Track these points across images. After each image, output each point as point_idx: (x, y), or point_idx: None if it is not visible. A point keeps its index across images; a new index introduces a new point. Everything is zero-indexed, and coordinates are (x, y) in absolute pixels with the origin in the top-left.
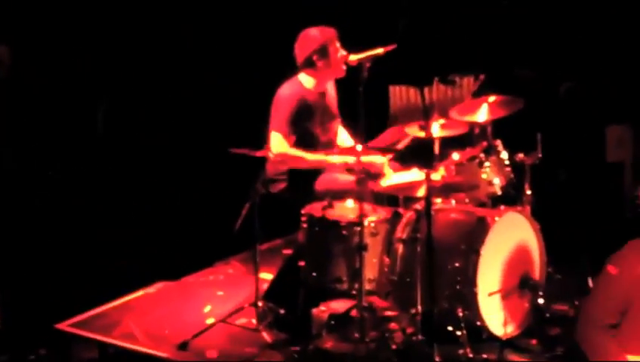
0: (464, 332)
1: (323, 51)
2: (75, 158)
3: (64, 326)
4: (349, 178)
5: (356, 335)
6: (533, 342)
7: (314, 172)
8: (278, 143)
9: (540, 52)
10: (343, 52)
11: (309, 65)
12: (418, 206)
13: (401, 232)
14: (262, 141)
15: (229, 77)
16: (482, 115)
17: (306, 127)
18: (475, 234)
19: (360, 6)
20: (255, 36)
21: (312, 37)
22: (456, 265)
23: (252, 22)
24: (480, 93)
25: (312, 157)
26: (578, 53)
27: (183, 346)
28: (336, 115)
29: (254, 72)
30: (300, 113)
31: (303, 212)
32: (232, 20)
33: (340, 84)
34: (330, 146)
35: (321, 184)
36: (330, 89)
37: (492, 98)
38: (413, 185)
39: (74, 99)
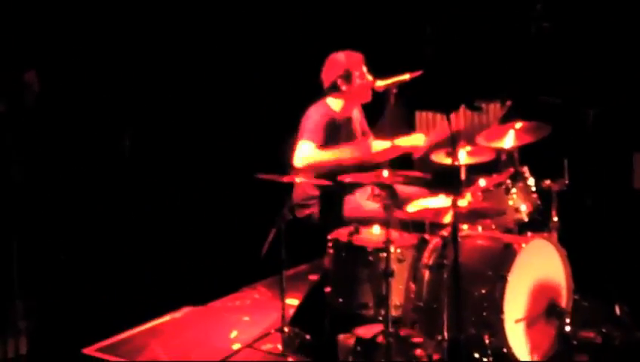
0: (490, 359)
1: (347, 76)
2: (103, 182)
3: (91, 350)
4: (376, 204)
5: (382, 361)
6: None
7: (341, 198)
8: (308, 151)
9: (567, 78)
10: (369, 77)
11: (334, 89)
12: (445, 232)
13: (428, 258)
14: (288, 167)
15: (258, 102)
16: (509, 141)
17: (328, 146)
18: (501, 261)
19: (387, 33)
20: (285, 62)
21: (337, 61)
22: (483, 291)
23: (282, 49)
24: (507, 119)
25: (340, 152)
26: (605, 79)
27: None
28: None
29: (282, 96)
30: (328, 130)
31: (329, 237)
32: (260, 48)
33: (368, 109)
34: (353, 171)
35: (347, 210)
36: (356, 114)
37: (519, 124)
38: (440, 212)
39: (101, 124)
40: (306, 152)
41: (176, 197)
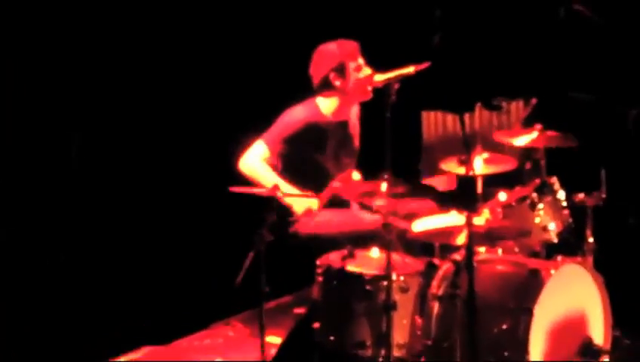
0: None
1: (341, 69)
2: (45, 196)
3: None
4: (374, 218)
5: None
6: None
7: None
8: (256, 153)
9: (602, 71)
10: (366, 70)
11: (326, 86)
12: (457, 256)
13: (437, 288)
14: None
15: (231, 98)
16: (532, 139)
17: (312, 157)
18: (526, 290)
19: (387, 16)
20: (265, 53)
21: (328, 53)
22: (504, 327)
23: (263, 37)
24: (531, 120)
25: (270, 178)
26: None
27: None
28: (356, 151)
29: (262, 92)
30: (304, 138)
31: (318, 262)
32: (235, 35)
33: (363, 109)
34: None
35: (340, 226)
36: (354, 117)
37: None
38: (452, 231)
39: (43, 133)
40: (253, 158)
41: (133, 213)
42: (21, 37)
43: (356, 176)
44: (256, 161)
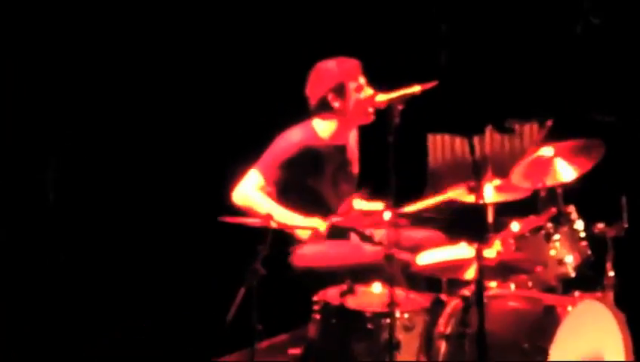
0: None
1: (340, 90)
2: (23, 234)
3: None
4: (375, 250)
5: None
6: None
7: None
8: (250, 183)
9: (624, 90)
10: (368, 91)
11: (323, 107)
12: (466, 291)
13: (445, 326)
14: None
15: (221, 120)
16: (553, 176)
17: (309, 183)
18: (541, 329)
19: (390, 33)
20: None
21: (327, 72)
22: None
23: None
24: (546, 143)
25: (268, 207)
26: None
27: None
28: (355, 178)
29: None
30: (300, 163)
31: (315, 298)
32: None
33: (363, 133)
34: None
35: (338, 259)
36: (353, 141)
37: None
38: (461, 265)
39: (17, 165)
40: (247, 188)
41: (117, 247)
42: None
43: (359, 202)
44: (251, 191)
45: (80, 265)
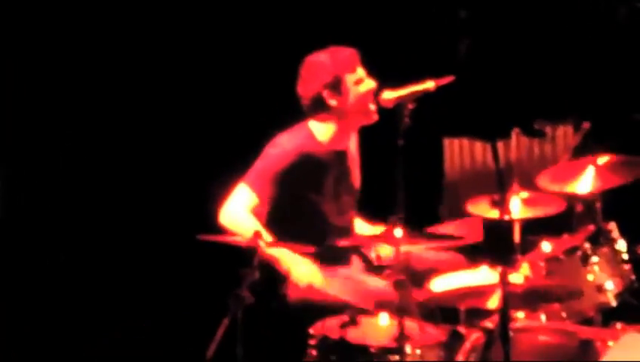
0: None
1: (336, 85)
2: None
3: None
4: (383, 283)
5: None
6: None
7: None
8: (240, 201)
9: None
10: (370, 83)
11: (319, 107)
12: (489, 323)
13: None
14: None
15: (199, 122)
16: (587, 183)
17: (307, 198)
18: None
19: (400, 19)
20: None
21: (319, 65)
22: None
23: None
24: (584, 150)
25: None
26: None
27: None
28: (356, 189)
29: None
30: (297, 174)
31: (311, 331)
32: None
33: (367, 135)
34: (346, 235)
35: (338, 288)
36: (353, 147)
37: (603, 158)
38: (482, 292)
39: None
40: (236, 208)
41: (88, 275)
42: None
43: (364, 227)
44: (243, 213)
45: (80, 266)
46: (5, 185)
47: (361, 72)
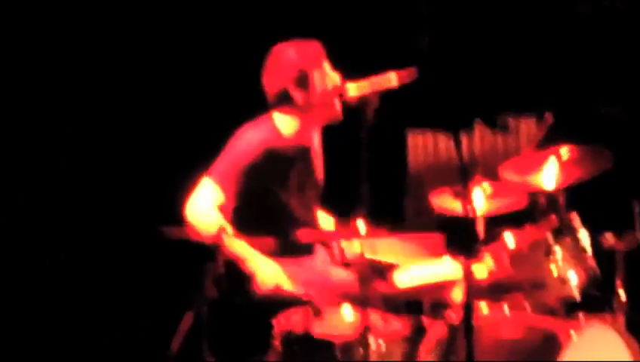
0: None
1: (303, 80)
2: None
3: None
4: (347, 274)
5: None
6: None
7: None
8: (206, 197)
9: (636, 82)
10: (335, 77)
11: (284, 100)
12: (452, 316)
13: (427, 355)
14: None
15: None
16: (550, 176)
17: (273, 192)
18: (540, 358)
19: (361, 12)
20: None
21: (285, 59)
22: None
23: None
24: (546, 142)
25: (236, 245)
26: None
27: None
28: (320, 184)
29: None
30: (264, 168)
31: (275, 324)
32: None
33: (330, 128)
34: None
35: (303, 281)
36: (316, 143)
37: (565, 150)
38: (445, 285)
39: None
40: (204, 206)
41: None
42: None
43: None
44: (207, 209)
45: (81, 265)
46: None
47: (326, 66)
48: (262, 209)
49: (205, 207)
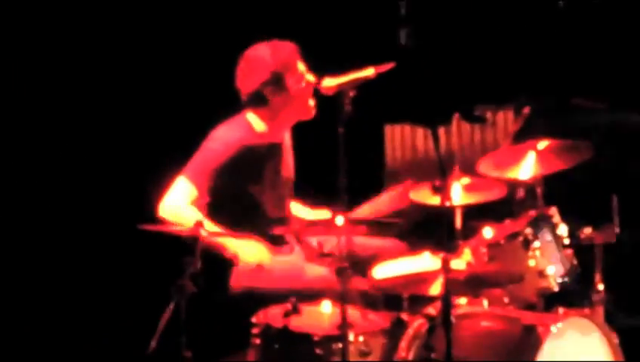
0: None
1: (277, 81)
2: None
3: None
4: (325, 272)
5: None
6: None
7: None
8: (180, 194)
9: (614, 71)
10: (309, 77)
11: (257, 101)
12: (432, 310)
13: (407, 350)
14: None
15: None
16: (528, 169)
17: (247, 190)
18: (519, 352)
19: (339, 7)
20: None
21: (259, 60)
22: None
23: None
24: (524, 135)
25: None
26: None
27: None
28: (292, 181)
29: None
30: (238, 166)
31: (254, 320)
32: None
33: (308, 124)
34: (284, 225)
35: (281, 278)
36: (287, 140)
37: (543, 143)
38: (424, 278)
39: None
40: (176, 201)
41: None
42: None
43: (301, 209)
44: (183, 206)
45: (58, 263)
46: None
47: (301, 67)
48: (236, 207)
49: (179, 202)
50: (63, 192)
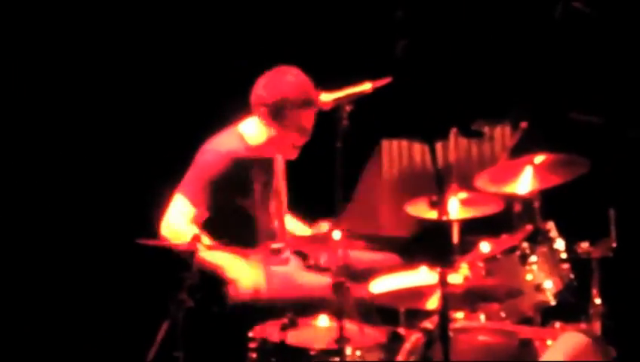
0: None
1: (303, 104)
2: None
3: None
4: (322, 281)
5: None
6: None
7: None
8: (179, 213)
9: (612, 86)
10: (309, 120)
11: (275, 113)
12: (429, 324)
13: None
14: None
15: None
16: (525, 183)
17: (239, 202)
18: None
19: (337, 21)
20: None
21: (296, 77)
22: None
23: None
24: (521, 150)
25: (211, 254)
26: None
27: None
28: (284, 195)
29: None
30: (230, 178)
31: (251, 334)
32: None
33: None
34: (277, 239)
35: (277, 289)
36: (280, 157)
37: (540, 158)
38: (421, 292)
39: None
40: (176, 220)
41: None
42: None
43: (297, 225)
44: (182, 224)
45: (57, 277)
46: None
47: (311, 109)
48: (228, 220)
49: (179, 221)
50: (62, 207)
